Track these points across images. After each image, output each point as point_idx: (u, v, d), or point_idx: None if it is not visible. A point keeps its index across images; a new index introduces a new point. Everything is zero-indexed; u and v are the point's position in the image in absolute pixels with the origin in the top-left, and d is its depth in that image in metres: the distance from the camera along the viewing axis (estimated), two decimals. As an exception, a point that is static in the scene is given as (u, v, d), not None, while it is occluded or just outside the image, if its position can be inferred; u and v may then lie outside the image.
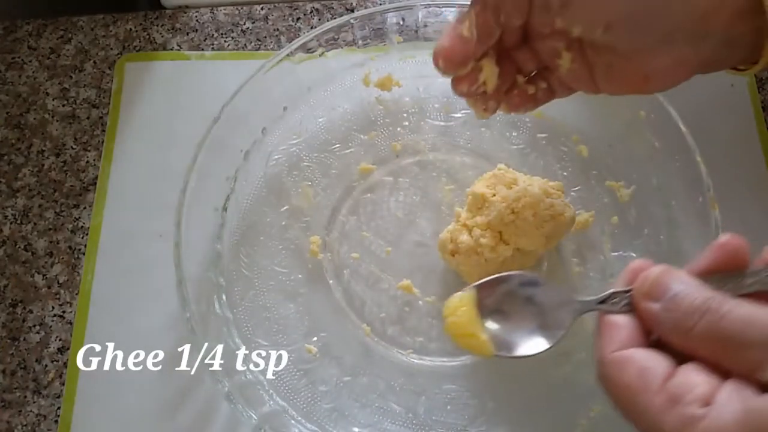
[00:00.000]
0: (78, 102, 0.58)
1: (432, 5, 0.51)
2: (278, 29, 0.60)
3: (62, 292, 0.51)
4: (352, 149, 0.53)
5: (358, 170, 0.53)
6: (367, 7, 0.60)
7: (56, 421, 0.47)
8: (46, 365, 0.49)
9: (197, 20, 0.61)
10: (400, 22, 0.52)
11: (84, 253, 0.52)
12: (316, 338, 0.47)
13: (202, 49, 0.59)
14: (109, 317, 0.50)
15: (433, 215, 0.51)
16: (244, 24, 0.61)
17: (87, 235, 0.52)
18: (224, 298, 0.47)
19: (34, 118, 0.57)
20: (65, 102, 0.58)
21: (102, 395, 0.47)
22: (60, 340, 0.49)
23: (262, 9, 0.61)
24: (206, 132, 0.47)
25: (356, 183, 0.52)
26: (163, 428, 0.46)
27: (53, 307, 0.50)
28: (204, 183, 0.47)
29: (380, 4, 0.57)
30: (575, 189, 0.51)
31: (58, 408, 0.47)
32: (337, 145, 0.53)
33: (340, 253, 0.50)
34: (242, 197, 0.50)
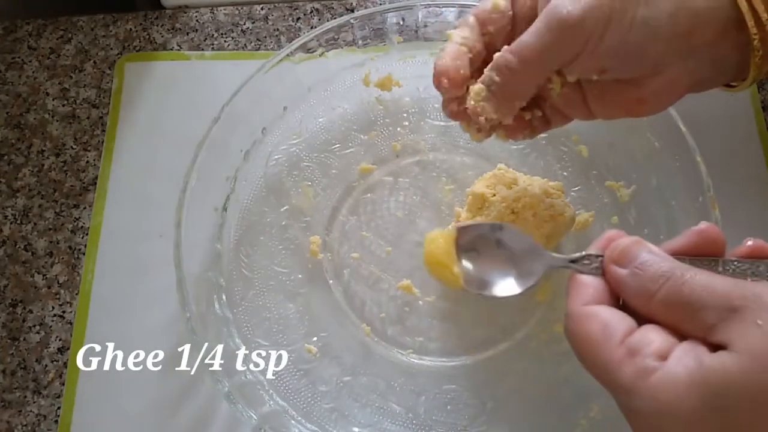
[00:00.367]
0: (78, 102, 0.58)
1: (432, 5, 0.51)
2: (278, 29, 0.60)
3: (62, 292, 0.51)
4: (352, 149, 0.53)
5: (358, 170, 0.53)
6: (367, 7, 0.60)
7: (56, 421, 0.47)
8: (46, 365, 0.49)
9: (197, 20, 0.61)
10: (400, 22, 0.52)
11: (84, 253, 0.52)
12: (316, 338, 0.47)
13: (202, 49, 0.59)
14: (109, 317, 0.50)
15: (433, 215, 0.51)
16: (244, 24, 0.61)
17: (87, 235, 0.52)
18: (224, 298, 0.47)
19: (34, 118, 0.57)
20: (65, 102, 0.58)
21: (102, 395, 0.47)
22: (60, 340, 0.49)
23: (262, 9, 0.61)
24: (206, 132, 0.47)
25: (356, 183, 0.52)
26: (163, 428, 0.46)
27: (53, 307, 0.50)
28: (204, 183, 0.47)
29: (380, 4, 0.57)
30: (575, 189, 0.51)
31: (58, 408, 0.47)
32: (337, 145, 0.53)
33: (340, 253, 0.50)
34: (242, 197, 0.50)
